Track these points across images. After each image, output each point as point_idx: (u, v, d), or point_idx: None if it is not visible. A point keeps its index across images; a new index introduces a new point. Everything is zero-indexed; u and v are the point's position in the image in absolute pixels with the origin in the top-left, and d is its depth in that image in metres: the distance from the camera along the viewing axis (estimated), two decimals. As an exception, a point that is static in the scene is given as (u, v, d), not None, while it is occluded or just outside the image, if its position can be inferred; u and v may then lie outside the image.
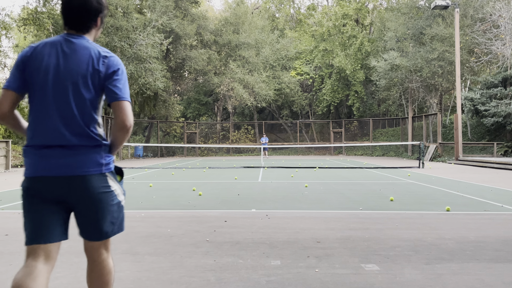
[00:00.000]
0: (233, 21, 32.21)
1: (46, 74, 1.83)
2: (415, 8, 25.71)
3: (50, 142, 1.83)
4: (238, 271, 3.17)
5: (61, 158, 1.83)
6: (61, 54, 1.86)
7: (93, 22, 1.95)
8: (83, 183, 1.84)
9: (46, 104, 1.84)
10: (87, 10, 1.90)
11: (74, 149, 1.84)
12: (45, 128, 1.83)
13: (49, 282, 2.94)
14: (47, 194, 1.84)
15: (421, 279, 2.97)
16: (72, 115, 1.83)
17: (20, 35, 25.98)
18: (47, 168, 1.82)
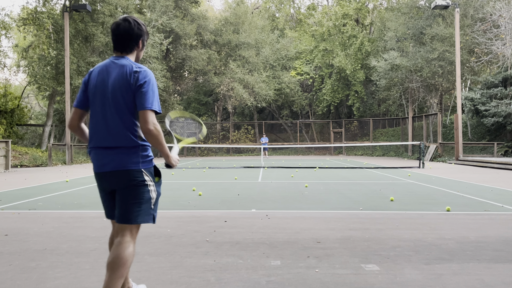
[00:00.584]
0: (233, 21, 32.20)
1: (95, 91, 2.32)
2: (415, 8, 25.71)
3: (100, 144, 2.30)
4: (238, 271, 3.17)
5: (107, 157, 2.27)
6: (105, 73, 2.32)
7: (135, 45, 2.39)
8: (123, 175, 2.26)
9: (97, 114, 2.31)
10: (130, 35, 2.35)
11: (117, 149, 2.26)
12: (96, 134, 2.31)
13: (49, 282, 2.95)
14: (104, 185, 2.35)
15: (421, 279, 2.97)
16: (115, 122, 2.26)
17: (20, 35, 25.98)
18: (99, 165, 2.31)
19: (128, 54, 2.37)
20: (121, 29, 2.33)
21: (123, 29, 2.33)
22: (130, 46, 2.37)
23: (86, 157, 22.38)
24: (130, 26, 2.34)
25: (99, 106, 2.29)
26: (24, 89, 30.47)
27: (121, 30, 2.33)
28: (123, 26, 2.33)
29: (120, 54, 2.37)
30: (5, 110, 22.81)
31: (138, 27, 2.36)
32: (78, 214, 5.70)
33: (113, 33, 2.36)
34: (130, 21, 2.34)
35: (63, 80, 21.35)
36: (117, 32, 2.34)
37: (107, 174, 2.28)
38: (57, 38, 22.22)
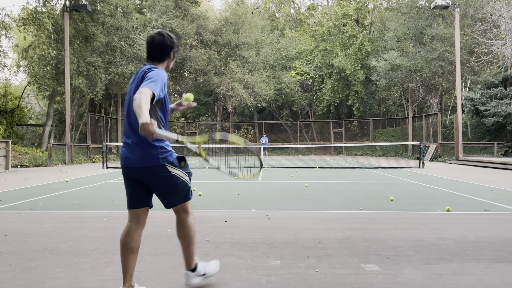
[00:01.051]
0: (233, 21, 32.19)
1: (127, 95, 2.63)
2: (415, 8, 25.71)
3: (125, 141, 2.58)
4: (238, 271, 3.17)
5: (130, 153, 2.53)
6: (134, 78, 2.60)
7: (167, 56, 2.66)
8: (146, 172, 2.52)
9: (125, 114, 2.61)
10: (163, 47, 2.63)
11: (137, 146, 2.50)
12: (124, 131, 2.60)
13: (49, 282, 2.95)
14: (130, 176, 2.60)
15: (421, 279, 2.97)
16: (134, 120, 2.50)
17: (20, 35, 25.97)
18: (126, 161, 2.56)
19: (159, 63, 2.65)
20: (156, 42, 2.62)
21: (157, 41, 2.62)
22: (162, 56, 2.64)
23: (86, 157, 22.39)
24: (164, 39, 2.63)
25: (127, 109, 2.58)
26: (24, 89, 30.47)
27: (156, 42, 2.62)
28: (157, 39, 2.63)
29: (152, 63, 2.65)
30: (5, 110, 22.81)
31: (170, 40, 2.66)
32: (78, 214, 5.70)
33: (148, 45, 2.64)
34: (164, 35, 2.65)
35: (63, 80, 21.35)
36: (152, 44, 2.63)
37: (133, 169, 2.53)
38: (57, 38, 22.21)
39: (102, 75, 22.17)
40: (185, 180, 2.67)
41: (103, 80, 22.76)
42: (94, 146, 23.47)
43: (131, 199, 2.64)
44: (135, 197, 2.63)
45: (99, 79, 22.27)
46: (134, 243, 2.59)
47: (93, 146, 23.31)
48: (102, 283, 2.93)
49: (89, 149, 22.89)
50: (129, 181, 2.62)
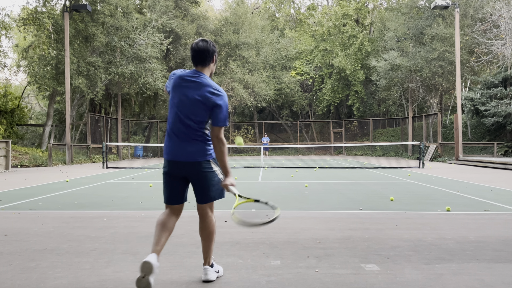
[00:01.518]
0: (233, 21, 32.19)
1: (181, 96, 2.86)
2: (415, 8, 25.71)
3: (173, 135, 2.87)
4: (238, 271, 3.17)
5: (180, 148, 2.83)
6: (188, 83, 2.85)
7: (211, 60, 2.93)
8: (193, 167, 2.81)
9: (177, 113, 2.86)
10: (207, 51, 2.89)
11: (188, 141, 2.81)
12: (172, 127, 2.88)
13: (49, 282, 2.95)
14: (174, 171, 2.86)
15: (421, 279, 2.97)
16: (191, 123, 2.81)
17: (20, 35, 25.97)
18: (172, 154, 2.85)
19: (204, 67, 2.91)
20: (200, 47, 2.87)
21: (202, 47, 2.87)
22: (207, 61, 2.90)
23: (86, 157, 22.39)
24: (207, 45, 2.89)
25: (177, 110, 2.84)
26: (24, 89, 30.48)
27: (201, 48, 2.87)
28: (201, 45, 2.88)
29: (200, 68, 2.90)
30: (5, 110, 22.81)
31: (212, 45, 2.92)
32: (78, 214, 5.70)
33: (193, 50, 2.88)
34: (207, 41, 2.90)
35: (63, 80, 21.35)
36: (197, 50, 2.87)
37: (180, 163, 2.82)
38: (57, 38, 22.21)
39: (102, 75, 22.16)
40: (221, 178, 2.91)
41: (103, 80, 22.76)
42: (94, 146, 23.47)
43: (170, 196, 2.89)
44: (175, 193, 2.89)
45: (99, 79, 22.27)
46: (172, 224, 2.87)
47: (93, 146, 23.31)
48: (102, 283, 2.93)
49: (89, 149, 22.90)
50: (171, 177, 2.86)
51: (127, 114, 30.34)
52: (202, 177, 2.83)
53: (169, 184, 2.88)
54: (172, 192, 2.88)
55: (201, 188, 2.86)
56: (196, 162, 2.80)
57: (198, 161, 2.80)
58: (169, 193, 2.89)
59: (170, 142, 2.85)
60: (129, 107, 29.63)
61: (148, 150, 30.07)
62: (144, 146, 28.58)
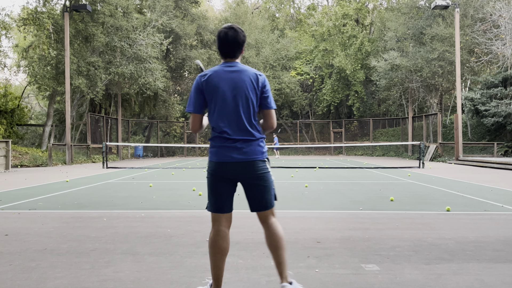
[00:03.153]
0: (233, 21, 32.18)
1: (223, 93, 2.50)
2: (415, 8, 25.70)
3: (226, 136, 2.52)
4: (238, 271, 3.17)
5: (233, 148, 2.51)
6: (228, 77, 2.52)
7: (241, 50, 2.59)
8: (247, 167, 2.50)
9: (227, 113, 2.52)
10: (238, 42, 2.54)
11: (243, 141, 2.51)
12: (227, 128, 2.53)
13: (49, 282, 2.95)
14: (224, 174, 2.52)
15: (421, 279, 2.97)
16: (244, 118, 2.52)
17: (20, 35, 25.97)
18: (223, 155, 2.52)
19: (234, 58, 2.58)
20: (230, 37, 2.52)
21: (232, 36, 2.52)
22: (238, 51, 2.57)
23: (86, 157, 22.39)
24: (237, 33, 2.54)
25: (229, 106, 2.50)
26: (24, 89, 30.47)
27: (230, 37, 2.52)
28: (231, 34, 2.53)
29: (230, 59, 2.58)
30: (5, 110, 22.81)
31: (242, 34, 2.57)
32: (78, 214, 5.70)
33: (222, 41, 2.53)
34: (236, 29, 2.55)
35: (63, 80, 21.35)
36: (227, 40, 2.53)
37: (233, 164, 2.50)
38: (57, 38, 22.21)
39: (102, 75, 22.16)
40: (273, 180, 2.63)
41: (103, 80, 22.76)
42: (94, 146, 23.47)
43: (221, 202, 2.56)
44: (226, 200, 2.56)
45: (99, 79, 22.27)
46: (227, 244, 2.58)
47: (93, 146, 23.31)
48: (102, 283, 2.93)
49: (89, 149, 22.89)
50: (220, 181, 2.54)
51: (127, 114, 30.34)
52: (258, 180, 2.51)
53: (218, 190, 2.55)
54: (223, 198, 2.55)
55: (257, 193, 2.53)
56: (251, 161, 2.50)
57: (253, 160, 2.50)
58: (219, 199, 2.55)
59: (218, 142, 2.53)
60: (129, 107, 29.63)
61: (148, 150, 30.07)
62: (144, 146, 28.57)
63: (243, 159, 2.48)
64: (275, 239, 2.53)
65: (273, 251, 2.53)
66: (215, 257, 2.54)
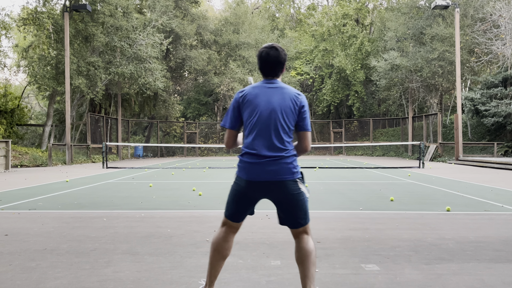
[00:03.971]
0: (233, 21, 32.20)
1: (261, 111, 2.48)
2: (415, 8, 25.71)
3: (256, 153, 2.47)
4: (238, 271, 3.17)
5: (263, 166, 2.44)
6: (267, 95, 2.50)
7: (282, 69, 2.59)
8: (278, 187, 2.44)
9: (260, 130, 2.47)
10: (280, 61, 2.54)
11: (275, 160, 2.44)
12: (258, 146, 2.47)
13: (49, 282, 2.95)
14: (251, 192, 2.49)
15: (421, 279, 2.97)
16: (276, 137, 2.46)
17: (20, 35, 25.98)
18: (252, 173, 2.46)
19: (276, 77, 2.58)
20: (272, 56, 2.52)
21: (274, 56, 2.52)
22: (279, 71, 2.57)
23: (86, 157, 22.39)
24: (279, 53, 2.53)
25: (262, 122, 2.46)
26: (24, 89, 30.46)
27: (272, 57, 2.52)
28: (273, 54, 2.52)
29: (271, 78, 2.57)
30: (5, 110, 22.81)
31: (284, 53, 2.56)
32: (78, 214, 5.70)
33: (263, 60, 2.54)
34: (278, 48, 2.54)
35: (63, 80, 21.35)
36: (269, 59, 2.53)
37: (262, 183, 2.44)
38: (57, 38, 22.21)
39: (102, 75, 22.17)
40: (307, 198, 2.56)
41: (103, 80, 22.76)
42: (94, 146, 23.47)
43: (237, 213, 2.55)
44: (243, 212, 2.55)
45: (99, 79, 22.27)
46: (229, 250, 2.61)
47: (93, 146, 23.31)
48: (102, 283, 2.93)
49: (89, 149, 22.89)
50: (244, 197, 2.51)
51: (127, 114, 30.35)
52: (290, 199, 2.46)
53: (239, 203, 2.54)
54: (241, 211, 2.55)
55: (289, 212, 2.50)
56: (280, 182, 2.43)
57: (282, 181, 2.43)
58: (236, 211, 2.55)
59: (247, 158, 2.47)
60: (129, 107, 29.64)
61: (148, 150, 30.07)
62: (144, 146, 28.57)
63: (271, 179, 2.42)
64: (303, 253, 2.50)
65: (300, 263, 2.51)
66: (215, 258, 2.58)
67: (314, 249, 2.52)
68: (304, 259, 2.48)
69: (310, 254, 2.49)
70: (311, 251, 2.50)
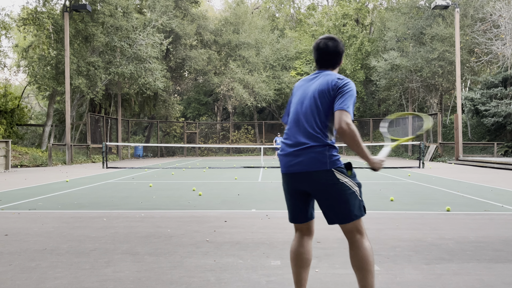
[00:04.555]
0: (233, 21, 32.20)
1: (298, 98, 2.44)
2: (415, 8, 25.71)
3: (288, 143, 2.40)
4: (238, 271, 3.17)
5: (295, 158, 2.33)
6: (308, 83, 2.45)
7: (339, 61, 2.48)
8: (311, 178, 2.28)
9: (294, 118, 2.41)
10: (338, 52, 2.45)
11: (305, 149, 2.30)
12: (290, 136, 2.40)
13: (49, 282, 2.95)
14: (292, 185, 2.38)
15: (421, 279, 2.97)
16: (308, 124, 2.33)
17: (20, 35, 25.98)
18: (286, 166, 2.38)
19: (333, 69, 2.48)
20: (331, 48, 2.44)
21: (333, 47, 2.44)
22: (337, 62, 2.47)
23: (86, 157, 22.39)
24: (338, 44, 2.45)
25: (297, 112, 2.41)
26: (24, 89, 30.47)
27: (331, 48, 2.44)
28: (332, 45, 2.44)
29: (325, 69, 2.47)
30: (5, 110, 22.81)
31: (342, 44, 2.48)
32: (78, 214, 5.70)
33: (321, 51, 2.45)
34: (336, 39, 2.46)
35: (63, 80, 21.35)
36: (328, 50, 2.44)
37: (297, 175, 2.32)
38: (57, 38, 22.21)
39: (102, 75, 22.17)
40: (355, 191, 2.30)
41: (103, 80, 22.76)
42: (94, 146, 23.48)
43: (293, 213, 2.44)
44: (298, 211, 2.41)
45: (99, 79, 22.27)
46: (309, 253, 2.41)
47: (93, 146, 23.31)
48: (102, 283, 2.93)
49: (89, 149, 22.89)
50: (291, 192, 2.40)
51: (127, 114, 30.35)
52: (326, 192, 2.28)
53: (289, 200, 2.45)
54: (296, 209, 2.42)
55: (328, 206, 2.31)
56: (311, 173, 2.27)
57: (314, 171, 2.26)
58: (292, 209, 2.45)
59: (282, 150, 2.40)
60: (129, 107, 29.65)
61: (148, 150, 30.07)
62: (144, 146, 28.57)
63: (300, 170, 2.29)
64: (356, 259, 2.28)
65: (355, 271, 2.32)
66: (295, 266, 2.42)
67: (368, 254, 2.28)
68: (358, 267, 2.28)
69: (364, 261, 2.26)
70: (365, 257, 2.26)
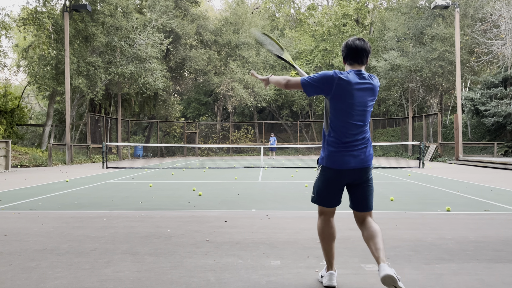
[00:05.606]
0: (233, 21, 32.19)
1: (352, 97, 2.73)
2: (415, 8, 25.70)
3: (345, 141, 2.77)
4: (238, 271, 3.17)
5: (353, 155, 2.73)
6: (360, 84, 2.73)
7: (367, 59, 2.81)
8: (362, 173, 2.75)
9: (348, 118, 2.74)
10: (367, 51, 2.79)
11: (360, 148, 2.74)
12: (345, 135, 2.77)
13: (49, 282, 2.95)
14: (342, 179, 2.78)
15: (421, 279, 2.97)
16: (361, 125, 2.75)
17: (20, 35, 25.97)
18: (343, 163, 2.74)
19: (363, 65, 2.81)
20: (361, 46, 2.77)
21: (362, 46, 2.78)
22: (366, 60, 2.81)
23: (86, 157, 22.39)
24: (365, 43, 2.80)
25: (353, 112, 2.71)
26: (24, 89, 30.48)
27: (361, 47, 2.77)
28: (359, 44, 2.79)
29: (359, 66, 2.79)
30: (5, 110, 22.81)
31: (368, 44, 2.84)
32: (78, 214, 5.70)
33: (355, 50, 2.77)
34: (365, 40, 2.82)
35: (63, 80, 21.35)
36: (360, 48, 2.77)
37: (353, 171, 2.73)
38: (57, 38, 22.21)
39: (102, 75, 22.17)
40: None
41: (103, 80, 22.76)
42: (94, 146, 23.48)
43: (332, 200, 2.82)
44: (337, 199, 2.84)
45: (99, 79, 22.27)
46: (335, 232, 2.87)
47: (93, 146, 23.32)
48: (102, 283, 2.93)
49: (89, 149, 22.90)
50: (337, 184, 2.78)
51: (127, 114, 30.35)
52: (366, 183, 2.80)
53: (330, 190, 2.81)
54: (335, 197, 2.83)
55: (364, 196, 2.81)
56: (365, 168, 2.75)
57: (367, 167, 2.76)
58: (332, 198, 2.83)
59: (335, 147, 2.74)
60: (129, 107, 29.65)
61: (148, 150, 30.07)
62: (144, 146, 28.57)
63: (359, 166, 2.72)
64: (372, 230, 2.72)
65: (370, 239, 2.69)
66: (325, 242, 2.85)
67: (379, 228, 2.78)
68: (374, 235, 2.69)
69: (379, 231, 2.73)
70: (379, 229, 2.76)
